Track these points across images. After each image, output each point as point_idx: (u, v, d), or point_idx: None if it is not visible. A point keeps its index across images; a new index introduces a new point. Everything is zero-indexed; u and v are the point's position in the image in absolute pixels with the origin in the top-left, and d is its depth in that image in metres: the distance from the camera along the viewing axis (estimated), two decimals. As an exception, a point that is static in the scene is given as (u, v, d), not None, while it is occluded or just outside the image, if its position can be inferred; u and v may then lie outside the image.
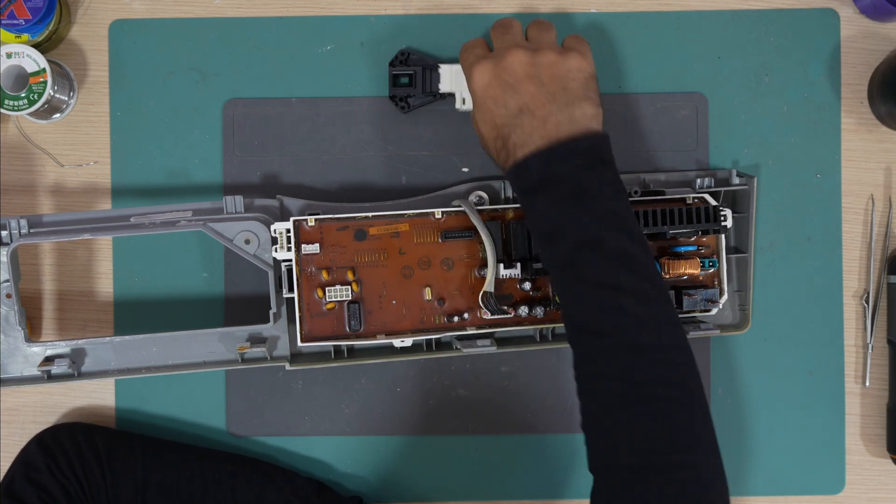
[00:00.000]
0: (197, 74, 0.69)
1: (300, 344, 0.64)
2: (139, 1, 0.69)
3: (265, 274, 0.66)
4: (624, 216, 0.55)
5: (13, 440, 0.69)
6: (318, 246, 0.64)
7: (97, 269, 0.70)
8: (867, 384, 0.71)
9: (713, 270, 0.67)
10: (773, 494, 0.71)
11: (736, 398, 0.71)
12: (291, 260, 0.64)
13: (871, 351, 0.70)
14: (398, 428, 0.70)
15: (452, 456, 0.71)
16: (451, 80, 0.67)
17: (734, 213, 0.67)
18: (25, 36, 0.66)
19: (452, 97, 0.68)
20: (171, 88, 0.69)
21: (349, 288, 0.64)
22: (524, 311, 0.65)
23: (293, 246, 0.63)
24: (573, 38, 0.61)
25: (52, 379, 0.66)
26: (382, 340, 0.65)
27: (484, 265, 0.64)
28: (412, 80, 0.67)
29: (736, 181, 0.67)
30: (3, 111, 0.65)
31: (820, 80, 0.70)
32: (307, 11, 0.69)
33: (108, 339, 0.65)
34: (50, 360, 0.65)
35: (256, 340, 0.67)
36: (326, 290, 0.64)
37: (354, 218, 0.64)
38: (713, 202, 0.66)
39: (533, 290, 0.66)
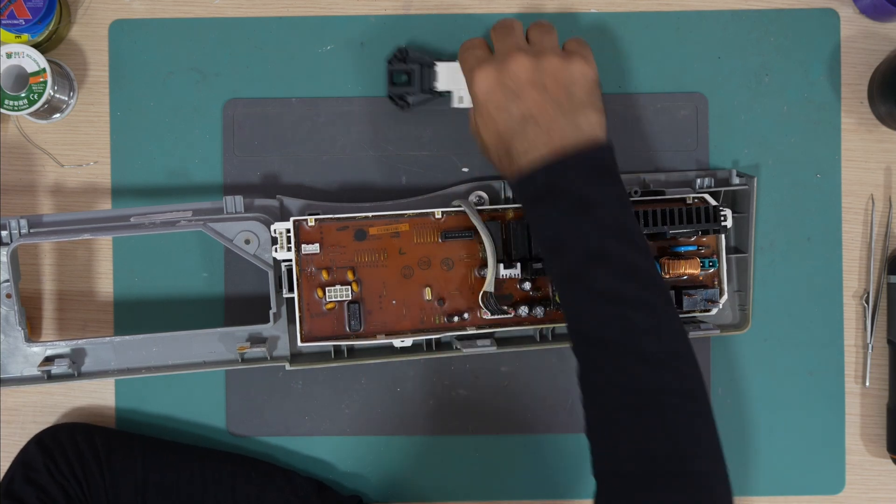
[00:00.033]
0: (197, 74, 0.69)
1: (300, 344, 0.64)
2: (139, 1, 0.69)
3: (265, 274, 0.66)
4: (629, 227, 0.54)
5: (13, 440, 0.69)
6: (318, 246, 0.64)
7: (97, 269, 0.70)
8: (867, 384, 0.71)
9: (713, 270, 0.67)
10: (772, 494, 0.71)
11: (736, 398, 0.71)
12: (291, 260, 0.64)
13: (871, 351, 0.70)
14: (398, 428, 0.70)
15: (452, 456, 0.71)
16: (447, 77, 0.66)
17: (734, 213, 0.67)
18: (25, 36, 0.66)
19: (451, 95, 0.67)
20: (171, 88, 0.69)
21: (349, 288, 0.64)
22: (524, 311, 0.65)
23: (293, 246, 0.63)
24: (575, 41, 0.60)
25: (52, 379, 0.66)
26: (382, 340, 0.65)
27: (484, 265, 0.64)
28: (410, 77, 0.67)
29: (736, 181, 0.67)
30: (3, 111, 0.65)
31: (820, 80, 0.70)
32: (307, 11, 0.69)
33: (108, 339, 0.65)
34: (50, 360, 0.65)
35: (256, 340, 0.67)
36: (326, 290, 0.64)
37: (354, 218, 0.64)
38: (713, 202, 0.66)
39: (533, 290, 0.66)
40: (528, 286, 0.66)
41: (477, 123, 0.59)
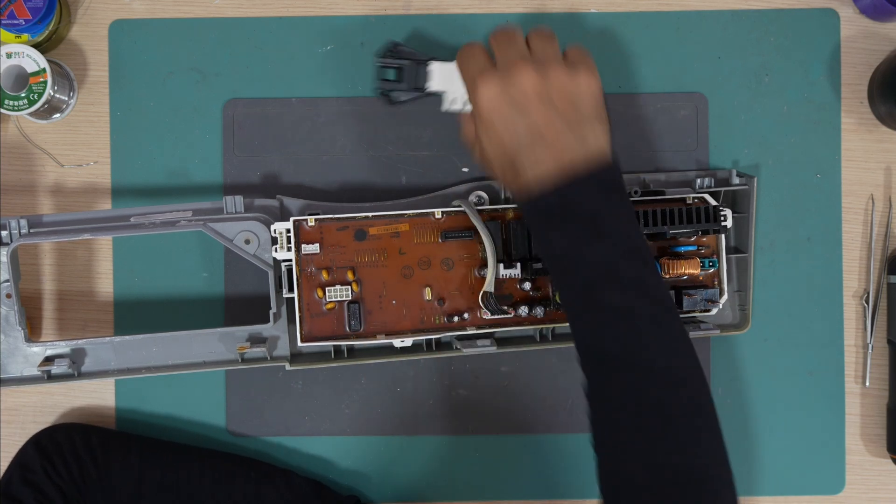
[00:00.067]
0: (197, 74, 0.69)
1: (300, 344, 0.64)
2: (139, 1, 0.69)
3: (265, 274, 0.66)
4: (637, 242, 0.54)
5: (13, 440, 0.69)
6: (318, 246, 0.64)
7: (97, 269, 0.70)
8: (867, 384, 0.71)
9: (713, 270, 0.67)
10: (773, 494, 0.71)
11: (736, 398, 0.71)
12: (291, 260, 0.64)
13: (871, 351, 0.70)
14: (398, 428, 0.70)
15: (452, 456, 0.71)
16: (442, 78, 0.63)
17: (734, 213, 0.67)
18: (25, 36, 0.66)
19: (443, 96, 0.64)
20: (171, 88, 0.69)
21: (349, 288, 0.64)
22: (524, 311, 0.65)
23: (293, 246, 0.63)
24: (576, 51, 0.58)
25: (51, 379, 0.66)
26: (382, 340, 0.65)
27: (484, 265, 0.64)
28: (399, 74, 0.64)
29: (736, 181, 0.67)
30: (3, 111, 0.65)
31: (820, 80, 0.70)
32: (307, 11, 0.69)
33: (108, 339, 0.65)
34: (50, 360, 0.65)
35: (256, 340, 0.67)
36: (326, 290, 0.64)
37: (354, 218, 0.64)
38: (713, 202, 0.66)
39: (533, 290, 0.66)
40: (528, 286, 0.66)
41: (479, 134, 0.58)
